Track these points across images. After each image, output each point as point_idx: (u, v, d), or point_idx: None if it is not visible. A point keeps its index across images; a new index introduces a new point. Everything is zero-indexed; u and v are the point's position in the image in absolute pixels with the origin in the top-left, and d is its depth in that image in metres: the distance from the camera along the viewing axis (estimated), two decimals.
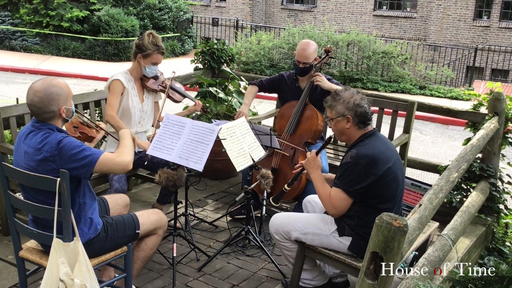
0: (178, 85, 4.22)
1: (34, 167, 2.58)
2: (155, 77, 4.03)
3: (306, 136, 4.19)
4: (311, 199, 3.47)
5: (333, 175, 3.27)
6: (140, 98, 3.99)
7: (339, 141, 5.05)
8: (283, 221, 3.20)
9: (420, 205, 2.54)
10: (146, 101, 4.03)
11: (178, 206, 3.79)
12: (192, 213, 4.30)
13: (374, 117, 4.84)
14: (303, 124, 4.22)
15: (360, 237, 2.96)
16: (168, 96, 4.07)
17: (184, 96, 4.22)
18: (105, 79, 10.69)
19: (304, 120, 4.22)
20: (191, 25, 18.33)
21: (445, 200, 4.18)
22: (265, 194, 3.70)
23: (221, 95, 5.42)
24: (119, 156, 2.72)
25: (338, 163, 4.50)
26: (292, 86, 4.41)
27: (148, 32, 3.91)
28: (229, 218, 4.24)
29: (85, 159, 2.58)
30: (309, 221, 3.12)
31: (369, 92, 5.74)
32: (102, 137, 3.20)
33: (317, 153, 3.17)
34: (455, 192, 4.41)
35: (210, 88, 5.47)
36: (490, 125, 4.01)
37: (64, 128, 2.78)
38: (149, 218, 3.00)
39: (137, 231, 2.91)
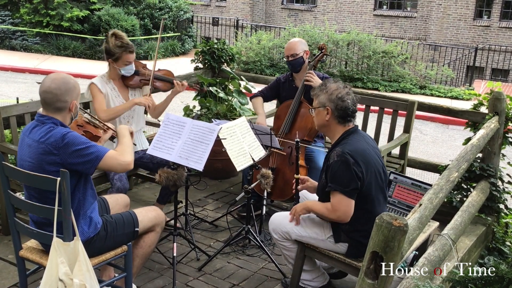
0: (161, 73, 4.11)
1: (36, 159, 2.57)
2: (136, 73, 3.93)
3: (301, 133, 4.19)
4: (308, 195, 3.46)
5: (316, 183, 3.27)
6: (125, 97, 3.92)
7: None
8: (281, 221, 3.20)
9: (420, 204, 2.54)
10: (132, 99, 3.94)
11: (178, 206, 3.79)
12: (192, 212, 4.30)
13: (374, 117, 4.92)
14: (298, 122, 4.23)
15: (356, 242, 2.95)
16: (155, 87, 4.01)
17: (171, 82, 4.06)
18: None
19: (299, 118, 4.23)
20: (191, 25, 18.31)
21: (445, 200, 4.18)
22: (265, 194, 3.70)
23: (221, 94, 5.42)
24: (121, 155, 2.69)
25: None
26: (289, 87, 4.42)
27: (111, 33, 3.76)
28: (230, 218, 4.24)
29: (91, 155, 2.58)
30: (306, 224, 3.11)
31: (369, 91, 5.73)
32: (111, 137, 3.17)
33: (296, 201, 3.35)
34: (455, 192, 4.41)
35: (210, 88, 5.47)
36: (490, 124, 4.01)
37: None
38: (147, 215, 3.00)
39: (136, 229, 2.91)
